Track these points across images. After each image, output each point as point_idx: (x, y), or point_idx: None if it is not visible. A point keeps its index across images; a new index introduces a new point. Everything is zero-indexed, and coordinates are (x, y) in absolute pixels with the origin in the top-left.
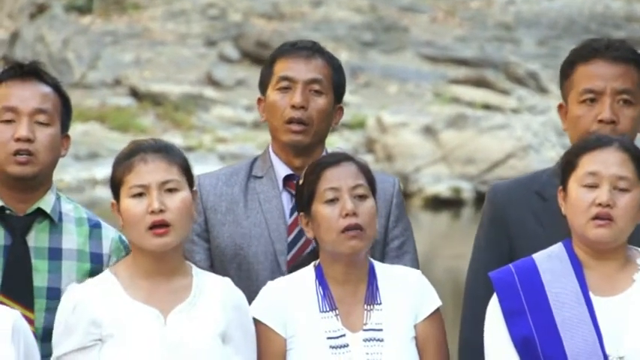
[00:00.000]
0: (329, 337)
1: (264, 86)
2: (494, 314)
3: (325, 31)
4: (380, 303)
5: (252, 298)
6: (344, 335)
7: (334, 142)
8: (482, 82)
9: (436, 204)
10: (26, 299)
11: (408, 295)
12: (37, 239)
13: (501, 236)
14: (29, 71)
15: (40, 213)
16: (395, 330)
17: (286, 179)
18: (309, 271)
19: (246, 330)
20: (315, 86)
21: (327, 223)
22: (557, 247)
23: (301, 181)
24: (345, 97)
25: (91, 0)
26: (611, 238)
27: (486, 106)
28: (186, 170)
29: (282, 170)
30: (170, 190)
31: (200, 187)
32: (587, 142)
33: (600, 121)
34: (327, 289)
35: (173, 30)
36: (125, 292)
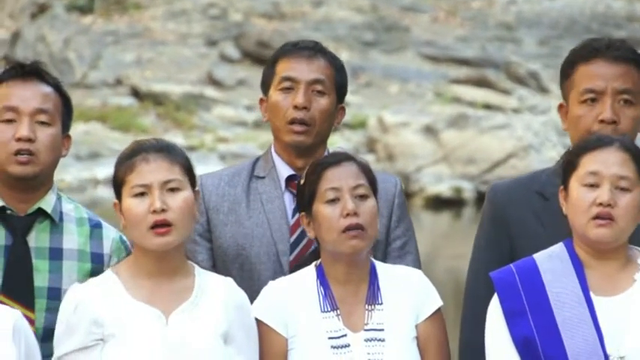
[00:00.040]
0: (330, 337)
1: (266, 86)
2: (495, 314)
3: (326, 31)
4: (381, 303)
5: (254, 298)
6: (345, 335)
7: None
8: (483, 82)
9: (437, 204)
10: (27, 299)
11: (409, 295)
12: (37, 239)
13: (501, 236)
14: (30, 71)
15: (41, 213)
16: (396, 330)
17: (289, 179)
18: (310, 271)
19: (249, 330)
20: (318, 87)
21: (328, 222)
22: (558, 247)
23: (302, 181)
24: (346, 96)
25: (92, 0)
26: (612, 237)
27: (487, 106)
28: (189, 170)
29: (285, 170)
30: (172, 190)
31: (202, 187)
32: (587, 142)
33: (601, 122)
34: (328, 289)
35: (174, 30)
36: (127, 292)
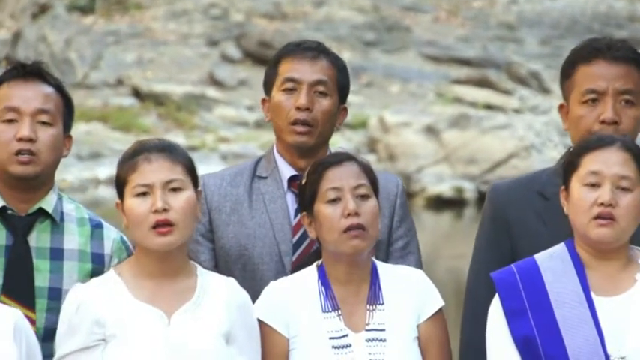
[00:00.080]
0: (331, 337)
1: (268, 86)
2: (496, 314)
3: (327, 31)
4: (382, 303)
5: (256, 298)
6: (346, 335)
7: (336, 142)
8: (484, 82)
9: (438, 204)
10: (28, 299)
11: (410, 295)
12: (38, 239)
13: (502, 236)
14: (32, 71)
15: (42, 213)
16: (397, 330)
17: (291, 180)
18: (311, 271)
19: (251, 330)
20: (320, 87)
21: (329, 223)
22: (559, 247)
23: (304, 181)
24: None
25: (94, 0)
26: (613, 237)
27: (489, 106)
28: (191, 170)
29: (287, 171)
30: (174, 190)
31: (205, 188)
32: (588, 142)
33: (602, 122)
34: (329, 289)
35: (175, 30)
36: (129, 292)
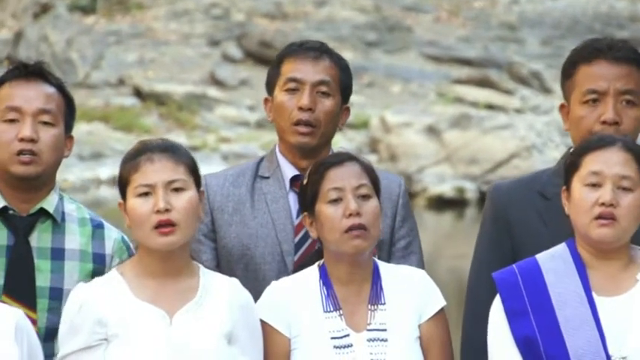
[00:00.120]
0: (333, 337)
1: (271, 86)
2: (497, 314)
3: (329, 31)
4: (384, 303)
5: (259, 298)
6: (348, 335)
7: (337, 142)
8: (485, 82)
9: (440, 204)
10: (29, 299)
11: (412, 295)
12: (39, 239)
13: (503, 236)
14: (33, 71)
15: (43, 213)
16: (399, 330)
17: (293, 180)
18: (313, 271)
19: (253, 330)
20: (323, 88)
21: (330, 223)
22: (561, 247)
23: (305, 181)
24: None
25: (95, 0)
26: (615, 237)
27: (490, 106)
28: (194, 170)
29: (289, 171)
30: (176, 190)
31: (207, 188)
32: (590, 142)
33: (603, 122)
34: (331, 288)
35: (176, 30)
36: (131, 291)
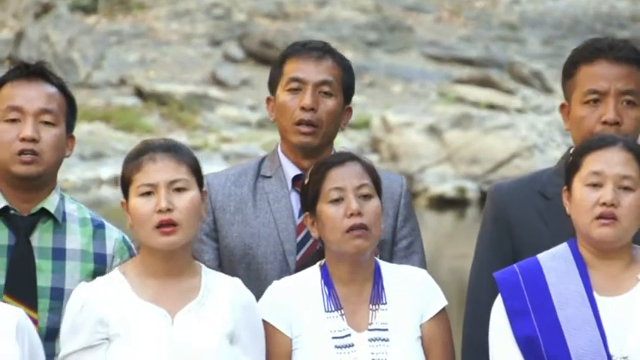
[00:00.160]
0: (334, 337)
1: (273, 86)
2: (498, 314)
3: (330, 31)
4: (385, 303)
5: (261, 297)
6: (349, 335)
7: (339, 142)
8: (486, 82)
9: (441, 204)
10: (30, 299)
11: (413, 295)
12: (40, 239)
13: (504, 235)
14: (35, 71)
15: (44, 213)
16: (400, 330)
17: (295, 179)
18: (314, 271)
19: (255, 330)
20: (325, 88)
21: (331, 222)
22: (562, 247)
23: (306, 181)
24: None
25: (96, 0)
26: (616, 237)
27: (491, 106)
28: (196, 170)
29: (291, 170)
30: (178, 190)
31: (209, 187)
32: (590, 142)
33: (604, 123)
34: (332, 288)
35: (178, 30)
36: (133, 291)
